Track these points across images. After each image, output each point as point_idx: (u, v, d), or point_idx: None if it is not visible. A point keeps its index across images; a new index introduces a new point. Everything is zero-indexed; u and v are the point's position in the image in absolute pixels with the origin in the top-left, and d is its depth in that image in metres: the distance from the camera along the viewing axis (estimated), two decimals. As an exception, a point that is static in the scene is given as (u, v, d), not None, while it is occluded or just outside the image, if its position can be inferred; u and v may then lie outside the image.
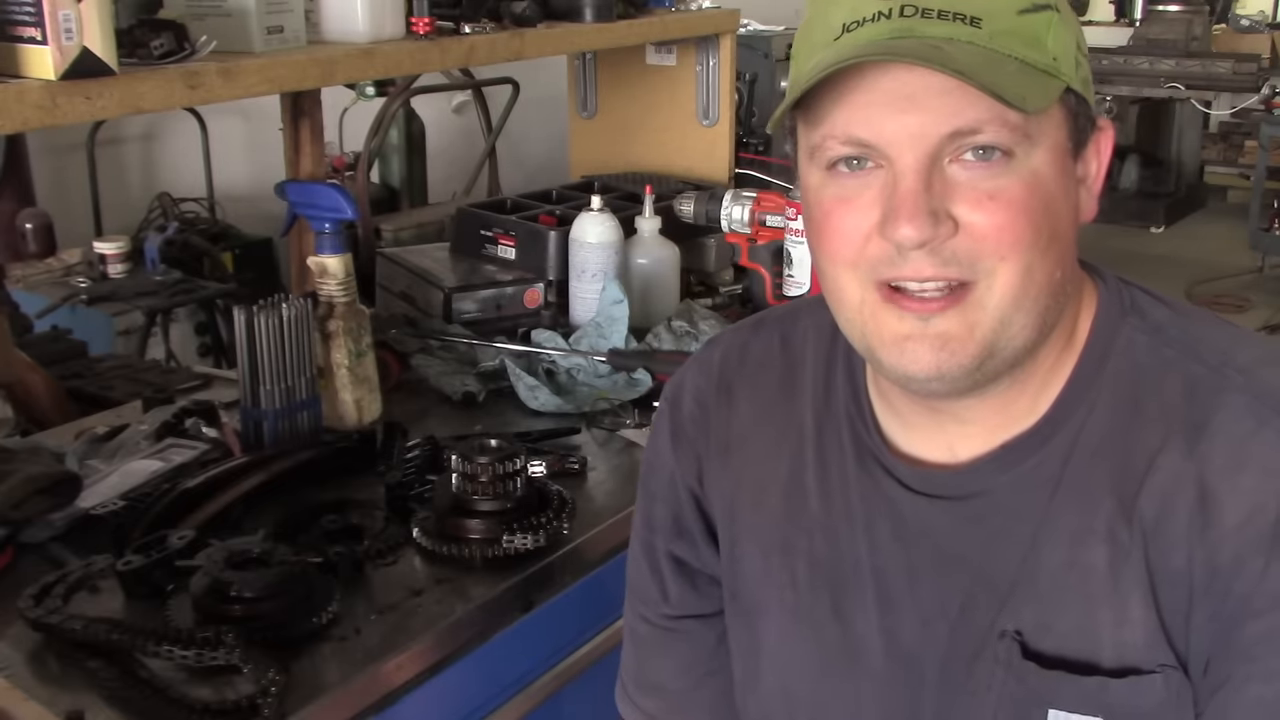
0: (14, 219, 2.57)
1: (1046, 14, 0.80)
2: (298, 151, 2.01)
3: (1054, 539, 0.87)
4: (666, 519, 1.08)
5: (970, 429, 0.90)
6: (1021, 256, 0.80)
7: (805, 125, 0.85)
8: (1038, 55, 0.79)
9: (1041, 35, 0.79)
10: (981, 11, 0.78)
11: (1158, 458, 0.84)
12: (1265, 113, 5.91)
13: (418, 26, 1.81)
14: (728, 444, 1.04)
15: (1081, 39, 0.84)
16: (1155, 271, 5.74)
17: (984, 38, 0.78)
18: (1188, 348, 0.87)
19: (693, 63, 2.61)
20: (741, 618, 1.04)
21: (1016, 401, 0.88)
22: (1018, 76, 0.77)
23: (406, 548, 1.47)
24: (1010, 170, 0.79)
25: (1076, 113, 0.83)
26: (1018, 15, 0.79)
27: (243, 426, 1.67)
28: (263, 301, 1.62)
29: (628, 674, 1.16)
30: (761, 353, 1.05)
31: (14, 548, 1.43)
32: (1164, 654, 0.84)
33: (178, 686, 1.18)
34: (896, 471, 0.94)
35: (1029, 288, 0.81)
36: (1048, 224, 0.81)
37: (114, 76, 1.34)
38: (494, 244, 2.26)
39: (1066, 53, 0.81)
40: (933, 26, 0.78)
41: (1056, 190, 0.82)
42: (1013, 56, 0.78)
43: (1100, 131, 0.87)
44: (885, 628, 0.95)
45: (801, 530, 0.99)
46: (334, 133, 2.88)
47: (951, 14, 0.78)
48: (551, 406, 1.87)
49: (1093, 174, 0.87)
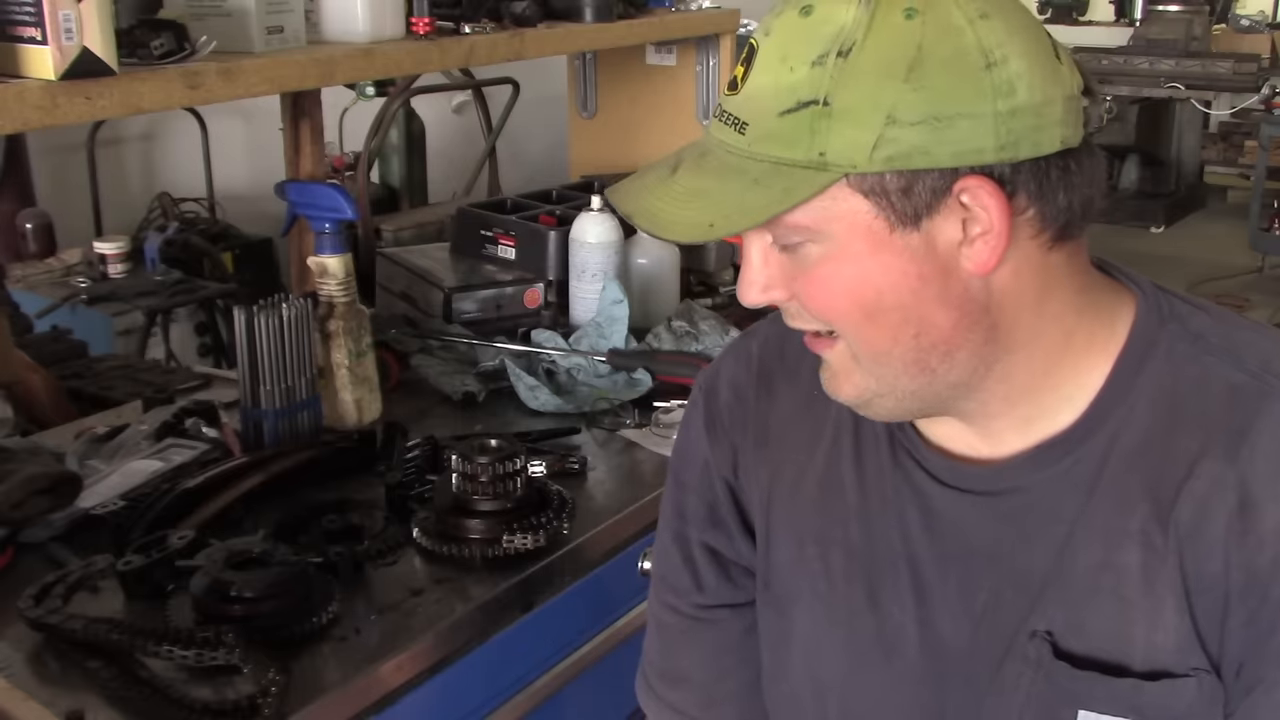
0: (14, 219, 2.57)
1: (809, 111, 0.79)
2: (298, 151, 2.01)
3: (1088, 540, 0.87)
4: (700, 509, 1.09)
5: (999, 423, 0.90)
6: (849, 329, 0.86)
7: None
8: (798, 153, 0.80)
9: (801, 134, 0.80)
10: (750, 116, 0.82)
11: (1197, 464, 0.84)
12: (1265, 113, 5.91)
13: (418, 26, 1.81)
14: (765, 434, 1.05)
15: (910, 106, 0.78)
16: (1155, 271, 5.64)
17: (744, 144, 0.82)
18: (1229, 354, 0.87)
19: (693, 63, 2.61)
20: (773, 607, 1.05)
21: (1043, 399, 0.89)
22: (767, 179, 0.81)
23: (406, 548, 1.47)
24: (805, 257, 0.84)
25: (888, 190, 0.80)
26: (778, 118, 0.80)
27: (243, 426, 1.67)
28: (263, 301, 1.62)
29: (651, 667, 1.15)
30: (799, 345, 1.04)
31: (14, 548, 1.43)
32: (1197, 658, 0.84)
33: (178, 686, 1.18)
34: (928, 464, 0.94)
35: (878, 353, 0.86)
36: (869, 297, 0.83)
37: (114, 76, 1.34)
38: (494, 244, 2.26)
39: (852, 142, 0.79)
40: (723, 132, 0.84)
41: (871, 266, 0.82)
42: (764, 161, 0.81)
43: (967, 190, 0.81)
44: (921, 618, 0.95)
45: (837, 520, 0.99)
46: (334, 133, 2.88)
47: (732, 119, 0.83)
48: (551, 406, 1.87)
49: (970, 233, 0.82)
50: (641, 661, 1.16)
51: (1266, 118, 5.88)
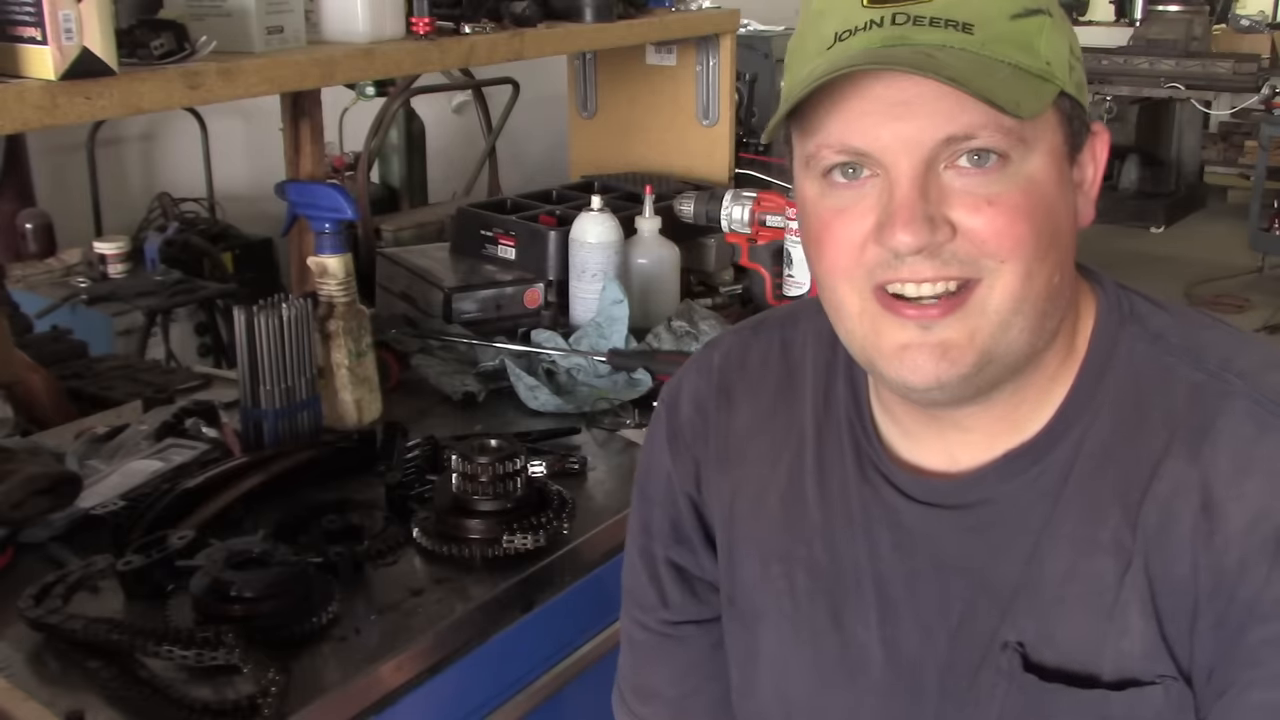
0: (14, 219, 2.57)
1: (1039, 18, 0.80)
2: (298, 151, 2.01)
3: (1056, 549, 0.87)
4: (664, 525, 1.08)
5: (972, 437, 0.89)
6: (1021, 260, 0.80)
7: (800, 135, 0.85)
8: (1030, 60, 0.79)
9: (1034, 40, 0.79)
10: (973, 18, 0.78)
11: (1161, 465, 0.84)
12: (1265, 113, 5.91)
13: (418, 26, 1.81)
14: (727, 449, 1.03)
15: (1075, 43, 0.84)
16: (1155, 271, 5.74)
17: (976, 44, 0.78)
18: (1189, 354, 0.87)
19: (693, 63, 2.61)
20: (739, 623, 1.04)
21: (1018, 409, 0.88)
22: (1010, 82, 0.77)
23: (406, 548, 1.47)
24: (1006, 175, 0.79)
25: (1071, 117, 0.83)
26: (1010, 20, 0.79)
27: (243, 426, 1.67)
28: (263, 301, 1.62)
29: (624, 681, 1.15)
30: (761, 356, 1.04)
31: (14, 548, 1.43)
32: (1164, 664, 0.84)
33: (178, 686, 1.18)
34: (896, 480, 0.93)
35: (1028, 292, 0.81)
36: (1046, 228, 0.80)
37: (114, 76, 1.34)
38: (494, 244, 2.26)
39: (1060, 57, 0.80)
40: (925, 34, 0.78)
41: (1053, 195, 0.81)
42: (1005, 62, 0.78)
43: (1095, 136, 0.86)
44: (885, 637, 0.94)
45: (801, 538, 0.98)
46: (334, 133, 2.88)
47: (944, 21, 0.78)
48: (551, 406, 1.87)
49: (1089, 179, 0.87)
50: (617, 675, 1.16)
51: (1266, 118, 5.89)
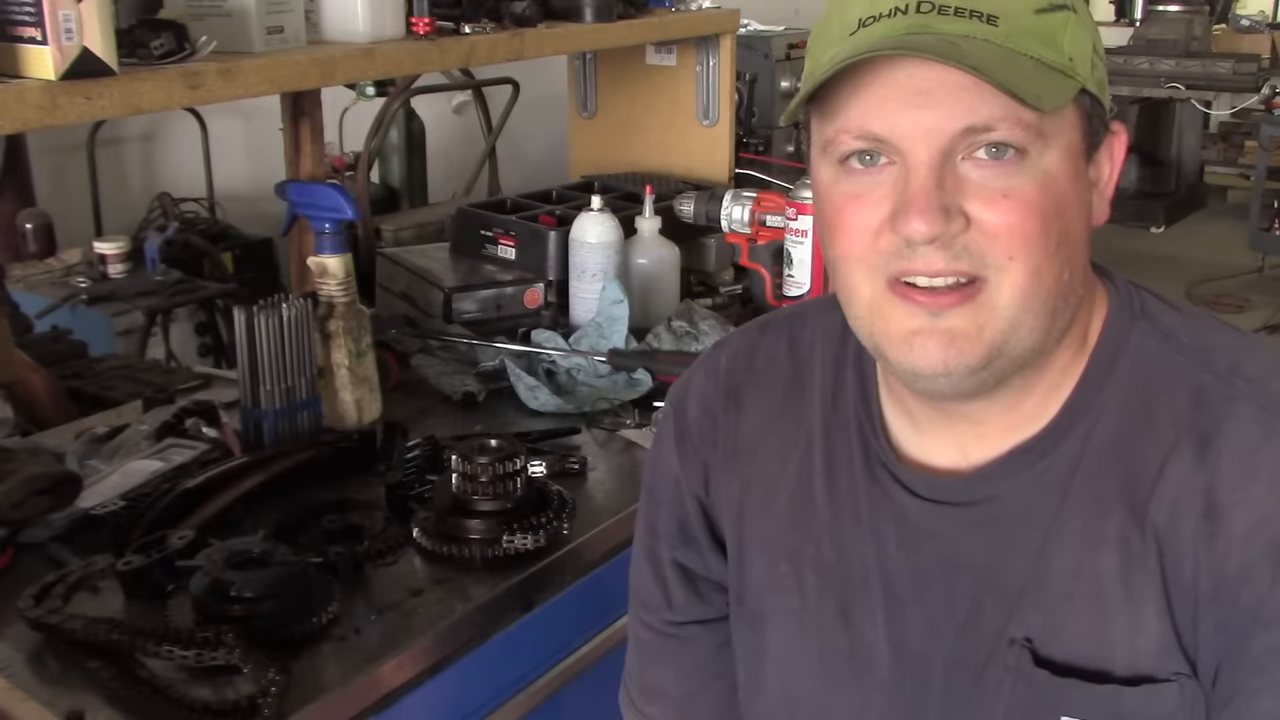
0: (14, 219, 2.57)
1: (1064, 14, 0.80)
2: (298, 151, 2.01)
3: (1064, 545, 0.87)
4: (671, 526, 1.08)
5: (983, 429, 0.89)
6: (1031, 257, 0.79)
7: (819, 119, 0.85)
8: (1053, 55, 0.79)
9: (1058, 35, 0.79)
10: (999, 10, 0.78)
11: (1166, 466, 0.84)
12: (1265, 113, 5.91)
13: (418, 26, 1.81)
14: (735, 450, 1.03)
15: (1098, 41, 0.84)
16: (1155, 271, 5.74)
17: (1000, 36, 0.78)
18: (1197, 355, 0.87)
19: (693, 63, 2.61)
20: (746, 622, 1.04)
21: (1026, 402, 0.88)
22: (1032, 75, 0.77)
23: (406, 548, 1.47)
24: (1023, 169, 0.79)
25: (1091, 115, 0.83)
26: (1035, 14, 0.79)
27: (243, 426, 1.67)
28: (263, 301, 1.62)
29: (631, 680, 1.15)
30: (769, 355, 1.04)
31: (14, 548, 1.43)
32: (1178, 663, 0.84)
33: (178, 686, 1.18)
34: (903, 478, 0.93)
35: (1038, 289, 0.81)
36: (1059, 225, 0.80)
37: (114, 76, 1.34)
38: (494, 244, 2.26)
39: (1083, 54, 0.80)
40: (949, 23, 0.78)
41: (1069, 192, 0.81)
42: (1028, 55, 0.78)
43: (1114, 135, 0.86)
44: (893, 635, 0.94)
45: (809, 537, 0.98)
46: (334, 133, 2.88)
47: (969, 11, 0.78)
48: (551, 406, 1.87)
49: (1105, 178, 0.87)
50: (624, 674, 1.16)
51: (1266, 118, 5.89)
